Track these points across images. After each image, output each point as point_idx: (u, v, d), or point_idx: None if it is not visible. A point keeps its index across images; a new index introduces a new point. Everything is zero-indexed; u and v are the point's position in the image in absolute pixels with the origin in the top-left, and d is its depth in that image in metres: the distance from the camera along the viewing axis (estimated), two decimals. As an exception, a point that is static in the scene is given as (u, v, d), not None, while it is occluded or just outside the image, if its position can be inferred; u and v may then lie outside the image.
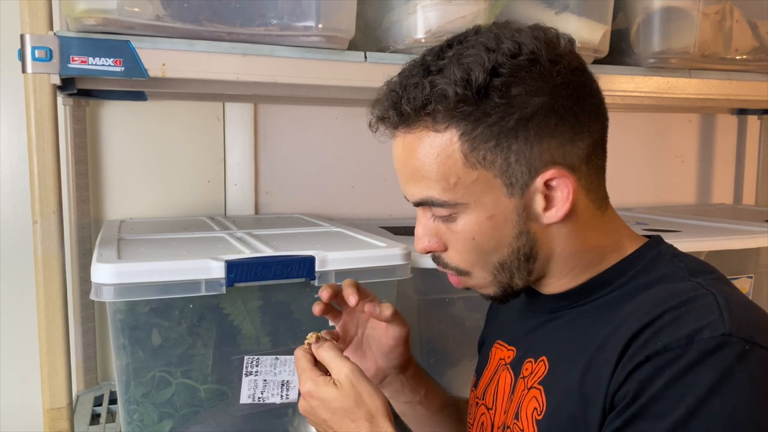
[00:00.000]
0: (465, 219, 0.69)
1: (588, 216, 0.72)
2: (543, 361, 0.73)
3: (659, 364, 0.59)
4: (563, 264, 0.73)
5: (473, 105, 0.64)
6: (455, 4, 1.02)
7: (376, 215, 1.63)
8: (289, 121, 1.56)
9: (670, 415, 0.57)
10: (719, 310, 0.60)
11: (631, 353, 0.61)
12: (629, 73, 1.23)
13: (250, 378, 0.95)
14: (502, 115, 0.64)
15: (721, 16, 1.24)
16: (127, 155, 1.44)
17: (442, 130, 0.66)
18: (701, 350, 0.57)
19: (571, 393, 0.66)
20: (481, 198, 0.67)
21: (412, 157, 0.69)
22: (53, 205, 0.87)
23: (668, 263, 0.71)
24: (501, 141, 0.65)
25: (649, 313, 0.63)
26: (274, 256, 0.92)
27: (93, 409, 1.30)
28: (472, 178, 0.67)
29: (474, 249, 0.70)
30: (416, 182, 0.70)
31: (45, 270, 0.87)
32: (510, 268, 0.71)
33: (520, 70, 0.64)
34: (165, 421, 0.93)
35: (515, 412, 0.75)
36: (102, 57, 0.88)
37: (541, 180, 0.67)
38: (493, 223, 0.68)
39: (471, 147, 0.66)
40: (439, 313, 1.14)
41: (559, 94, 0.66)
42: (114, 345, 0.91)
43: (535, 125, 0.65)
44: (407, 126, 0.68)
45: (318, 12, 0.98)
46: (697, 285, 0.65)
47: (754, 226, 1.36)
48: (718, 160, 2.03)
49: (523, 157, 0.66)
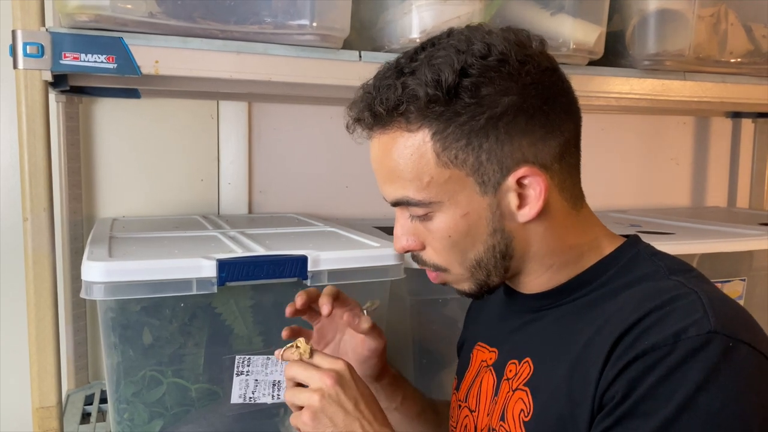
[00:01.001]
0: (440, 217, 0.70)
1: (563, 215, 0.72)
2: (527, 363, 0.73)
3: (648, 362, 0.59)
4: (540, 262, 0.73)
5: (444, 105, 0.66)
6: (450, 5, 1.02)
7: (370, 215, 1.62)
8: (284, 120, 1.55)
9: (660, 412, 0.58)
10: (703, 308, 0.61)
11: (618, 353, 0.62)
12: (624, 75, 1.23)
13: (242, 378, 0.94)
14: (473, 114, 0.66)
15: (716, 19, 1.24)
16: (120, 153, 1.43)
17: (414, 130, 0.68)
18: (688, 348, 0.59)
19: (558, 393, 0.67)
20: (455, 196, 0.69)
21: (387, 158, 0.70)
22: (44, 202, 0.87)
23: (648, 262, 0.72)
24: (472, 140, 0.66)
25: (634, 313, 0.63)
26: (267, 256, 0.92)
27: (83, 408, 1.29)
28: (444, 177, 0.68)
29: (450, 247, 0.72)
30: (392, 182, 0.71)
31: (35, 268, 0.87)
32: (487, 266, 0.72)
33: (490, 71, 0.66)
34: (155, 420, 0.92)
35: (500, 413, 0.74)
36: (94, 53, 0.87)
37: (513, 178, 0.68)
38: (468, 220, 0.70)
39: (443, 146, 0.67)
40: (432, 313, 1.14)
41: (529, 94, 0.67)
42: (105, 344, 0.90)
43: (504, 124, 0.66)
44: (381, 127, 0.70)
45: (312, 11, 0.97)
46: (678, 284, 0.66)
47: (747, 229, 1.37)
48: (713, 162, 2.04)
49: (494, 155, 0.67)
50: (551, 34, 1.11)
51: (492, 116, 0.66)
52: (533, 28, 1.10)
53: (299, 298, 0.83)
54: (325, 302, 0.82)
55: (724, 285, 1.30)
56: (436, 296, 1.13)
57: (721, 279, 1.30)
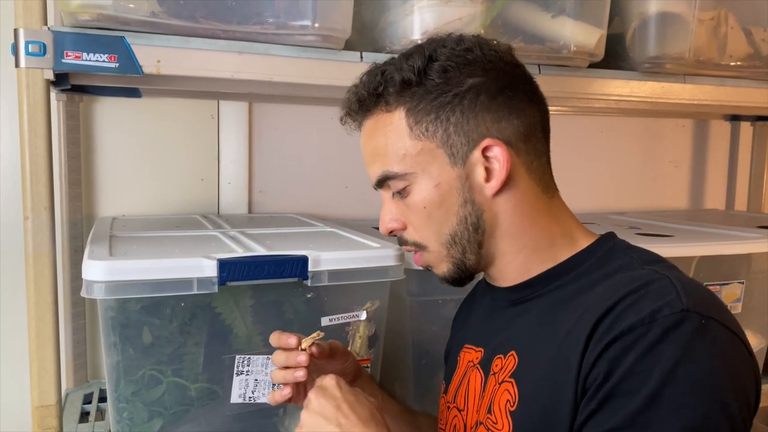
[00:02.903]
0: (416, 189, 0.76)
1: (532, 196, 0.77)
2: (512, 356, 0.75)
3: (626, 342, 0.62)
4: (512, 242, 0.77)
5: (416, 85, 0.74)
6: (452, 6, 1.02)
7: (369, 216, 1.62)
8: (284, 120, 1.56)
9: (641, 389, 0.60)
10: (675, 290, 0.65)
11: (597, 337, 0.65)
12: (624, 78, 1.23)
13: (241, 377, 0.94)
14: (441, 92, 0.74)
15: (716, 23, 1.24)
16: (121, 152, 1.44)
17: (392, 110, 0.76)
18: (663, 326, 0.62)
19: (542, 382, 0.69)
20: (428, 168, 0.75)
21: (371, 139, 0.78)
22: (45, 201, 0.87)
23: (623, 254, 0.76)
24: (440, 114, 0.74)
25: (610, 298, 0.67)
26: (267, 256, 0.92)
27: (82, 406, 1.29)
28: (417, 149, 0.75)
29: (426, 219, 0.77)
30: (374, 161, 0.78)
31: (36, 266, 0.87)
32: (461, 240, 0.76)
33: (456, 57, 0.74)
34: (155, 419, 0.92)
35: (487, 406, 0.76)
36: (96, 53, 0.88)
37: (478, 151, 0.74)
38: (440, 191, 0.75)
39: (415, 120, 0.75)
40: (431, 314, 1.14)
41: (491, 76, 0.75)
42: (104, 343, 0.90)
43: (469, 101, 0.74)
44: (366, 111, 0.79)
45: (314, 11, 0.97)
46: (652, 271, 0.70)
47: (746, 232, 1.37)
48: (711, 165, 2.04)
49: (460, 128, 0.74)
50: (552, 37, 1.11)
51: (457, 93, 0.74)
52: (534, 30, 1.11)
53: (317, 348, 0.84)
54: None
55: (723, 288, 1.31)
56: (435, 297, 1.13)
57: (719, 282, 1.30)
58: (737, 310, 1.32)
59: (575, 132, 1.79)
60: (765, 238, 1.29)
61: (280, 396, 0.82)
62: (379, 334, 1.05)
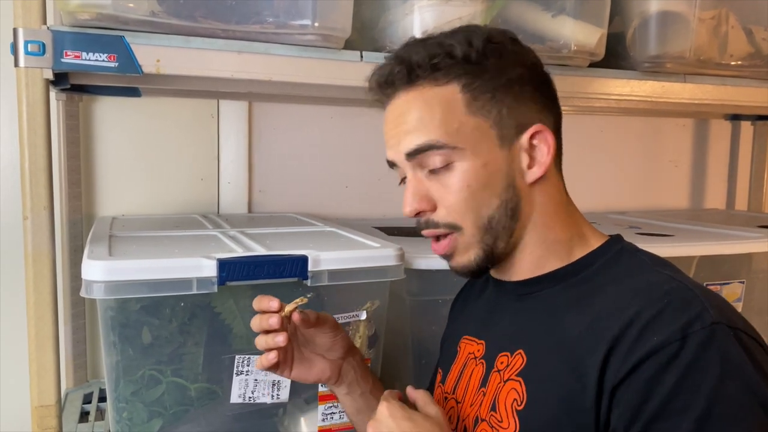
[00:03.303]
0: (461, 166, 0.74)
1: (558, 190, 0.79)
2: (520, 354, 0.75)
3: (661, 361, 0.61)
4: (537, 234, 0.77)
5: (474, 63, 0.74)
6: (452, 6, 1.02)
7: (369, 215, 1.62)
8: (284, 119, 1.55)
9: (690, 410, 0.60)
10: (700, 302, 0.64)
11: (624, 349, 0.64)
12: (625, 77, 1.23)
13: (241, 377, 0.94)
14: (497, 74, 0.74)
15: (717, 22, 1.24)
16: (120, 151, 1.43)
17: (443, 83, 0.74)
18: (698, 342, 0.61)
19: (552, 384, 0.69)
20: (478, 145, 0.74)
21: (413, 109, 0.75)
22: (44, 201, 0.87)
23: (632, 256, 0.76)
24: (496, 94, 0.74)
25: (630, 306, 0.66)
26: (267, 256, 0.92)
27: (82, 406, 1.29)
28: (471, 125, 0.74)
29: (468, 198, 0.74)
30: (417, 131, 0.75)
31: (35, 266, 0.87)
32: (497, 225, 0.75)
33: (506, 44, 0.76)
34: (154, 419, 0.92)
35: (490, 404, 0.76)
36: (96, 52, 0.87)
37: (527, 136, 0.75)
38: (487, 171, 0.74)
39: (472, 96, 0.74)
40: (431, 314, 1.14)
41: (533, 70, 0.77)
42: (104, 342, 0.90)
43: (519, 87, 0.75)
44: (411, 81, 0.75)
45: (314, 11, 0.97)
46: (667, 277, 0.69)
47: (746, 231, 1.37)
48: (712, 165, 2.04)
49: (513, 111, 0.74)
50: (552, 36, 1.11)
51: (510, 78, 0.75)
52: (535, 29, 1.11)
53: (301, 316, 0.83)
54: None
55: (723, 287, 1.31)
56: (435, 297, 1.13)
57: (720, 281, 1.30)
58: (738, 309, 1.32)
59: (575, 131, 1.79)
60: (765, 238, 1.29)
61: (266, 360, 0.81)
62: (379, 333, 1.05)
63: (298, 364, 0.87)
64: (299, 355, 0.87)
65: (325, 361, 0.88)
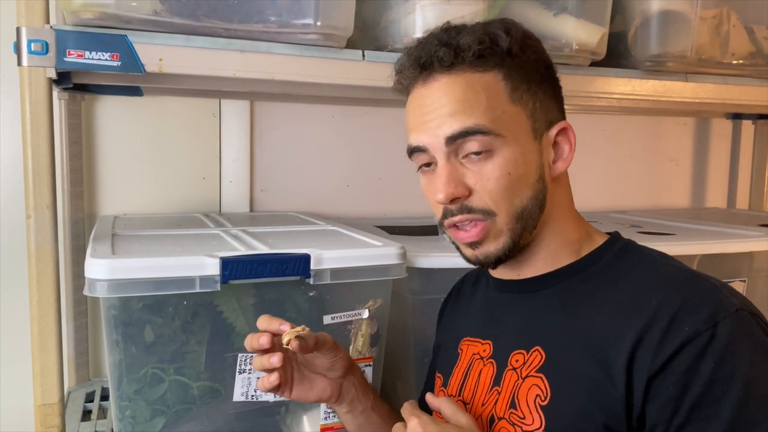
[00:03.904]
0: (502, 153, 0.74)
1: (568, 185, 0.82)
2: (538, 351, 0.75)
3: (696, 350, 0.64)
4: (554, 228, 0.79)
5: (515, 55, 0.75)
6: (454, 4, 1.02)
7: (371, 214, 1.62)
8: (286, 118, 1.56)
9: (728, 396, 0.62)
10: (719, 290, 0.68)
11: (654, 339, 0.65)
12: (626, 76, 1.23)
13: (244, 376, 0.95)
14: (533, 68, 0.77)
15: (719, 21, 1.24)
16: (122, 151, 1.44)
17: (485, 71, 0.75)
18: (728, 329, 0.64)
19: (576, 377, 0.70)
20: (518, 135, 0.75)
21: (457, 92, 0.74)
22: (47, 199, 0.87)
23: (638, 251, 0.79)
24: (532, 87, 0.76)
25: (652, 297, 0.68)
26: (270, 254, 0.92)
27: (84, 405, 1.29)
28: (513, 113, 0.75)
29: (506, 186, 0.74)
30: (462, 112, 0.74)
31: (38, 265, 0.87)
32: (527, 215, 0.76)
33: (536, 42, 0.79)
34: (157, 418, 0.93)
35: (508, 401, 0.75)
36: (98, 51, 0.88)
37: (555, 130, 0.77)
38: (525, 159, 0.75)
39: (513, 86, 0.75)
40: (433, 313, 1.14)
41: (552, 69, 0.80)
42: (107, 341, 0.90)
43: (547, 84, 0.78)
44: (450, 67, 0.75)
45: (316, 10, 0.97)
46: (677, 268, 0.73)
47: (747, 230, 1.37)
48: (713, 164, 2.04)
49: (544, 105, 0.77)
50: (554, 35, 1.11)
51: (542, 75, 0.77)
52: (536, 28, 1.10)
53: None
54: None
55: (724, 286, 1.30)
56: (437, 295, 1.13)
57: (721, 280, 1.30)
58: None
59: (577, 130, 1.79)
60: (766, 237, 1.29)
61: (268, 383, 0.81)
62: (381, 332, 1.05)
63: (299, 384, 0.86)
64: (299, 375, 0.87)
65: (325, 380, 0.88)
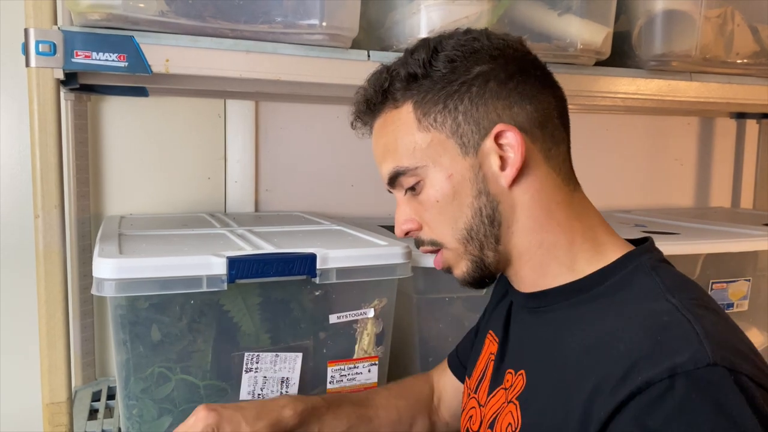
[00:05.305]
0: (428, 183, 0.74)
1: (551, 186, 0.73)
2: (522, 375, 0.74)
3: (645, 401, 0.56)
4: (530, 237, 0.73)
5: (422, 78, 0.73)
6: (459, 5, 1.02)
7: (375, 214, 1.63)
8: (291, 118, 1.56)
9: None
10: (698, 337, 0.58)
11: (611, 383, 0.59)
12: (630, 75, 1.23)
13: (250, 374, 0.95)
14: (447, 81, 0.72)
15: (723, 20, 1.24)
16: (128, 151, 1.44)
17: (400, 105, 0.75)
18: (687, 384, 0.55)
19: (545, 413, 0.67)
20: (438, 159, 0.73)
21: (382, 137, 0.77)
22: (55, 199, 0.87)
23: (646, 277, 0.69)
24: (448, 103, 0.72)
25: (621, 339, 0.61)
26: (276, 254, 0.92)
27: (91, 404, 1.30)
28: (427, 141, 0.73)
29: (440, 214, 0.74)
30: (386, 158, 0.76)
31: (46, 264, 0.87)
32: (477, 235, 0.73)
33: (461, 46, 0.73)
34: (164, 416, 0.93)
35: (490, 421, 0.76)
36: (106, 52, 0.88)
37: (491, 138, 0.71)
38: (452, 183, 0.72)
39: (423, 112, 0.73)
40: (438, 312, 1.14)
41: (499, 63, 0.72)
42: (114, 340, 0.91)
43: (477, 87, 0.71)
44: (375, 111, 0.78)
45: (322, 10, 0.98)
46: (672, 308, 0.63)
47: (752, 229, 1.37)
48: (717, 163, 2.04)
49: (470, 116, 0.71)
50: (558, 35, 1.12)
51: (465, 81, 0.71)
52: (541, 28, 1.11)
53: None
54: None
55: (729, 285, 1.31)
56: (442, 295, 1.14)
57: (726, 279, 1.30)
58: (744, 307, 1.32)
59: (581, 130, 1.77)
60: (771, 236, 1.29)
61: None
62: (386, 331, 1.05)
63: None
64: None
65: None
